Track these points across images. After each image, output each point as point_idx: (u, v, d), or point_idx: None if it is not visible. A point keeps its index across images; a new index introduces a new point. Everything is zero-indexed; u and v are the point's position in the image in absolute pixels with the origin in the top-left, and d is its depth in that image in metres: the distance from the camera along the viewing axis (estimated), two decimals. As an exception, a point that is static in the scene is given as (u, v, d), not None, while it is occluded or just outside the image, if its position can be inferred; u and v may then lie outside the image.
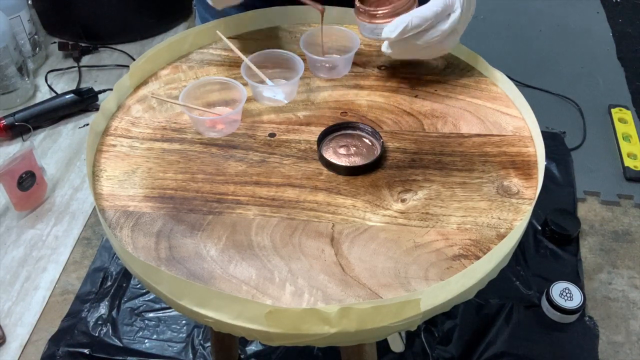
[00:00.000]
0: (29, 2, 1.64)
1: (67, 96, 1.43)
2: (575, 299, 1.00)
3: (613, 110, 1.43)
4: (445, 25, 0.65)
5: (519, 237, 0.57)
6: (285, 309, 0.49)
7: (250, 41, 0.81)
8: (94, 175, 0.64)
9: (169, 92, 0.74)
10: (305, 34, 0.75)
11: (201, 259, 0.56)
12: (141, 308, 1.04)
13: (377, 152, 0.64)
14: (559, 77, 1.57)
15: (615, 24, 1.77)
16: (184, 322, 1.02)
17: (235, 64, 0.77)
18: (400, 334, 0.98)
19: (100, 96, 1.47)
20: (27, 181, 1.16)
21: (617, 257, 1.12)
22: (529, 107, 0.68)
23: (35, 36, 1.58)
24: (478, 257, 0.56)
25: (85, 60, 1.63)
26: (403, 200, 0.61)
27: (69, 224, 1.18)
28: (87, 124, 1.42)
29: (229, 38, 0.75)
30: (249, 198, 0.61)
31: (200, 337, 1.00)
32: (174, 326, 1.02)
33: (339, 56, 0.76)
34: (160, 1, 1.70)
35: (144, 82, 0.75)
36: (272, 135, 0.68)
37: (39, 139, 1.38)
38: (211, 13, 0.99)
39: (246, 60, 0.72)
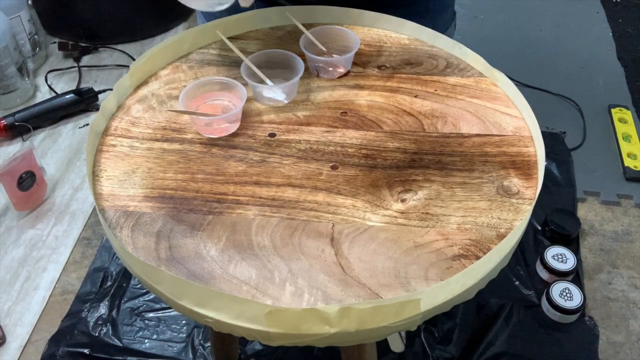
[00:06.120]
0: (29, 2, 1.64)
1: (67, 96, 1.42)
2: (575, 299, 1.00)
3: (613, 110, 1.43)
4: None
5: (519, 237, 0.57)
6: (285, 309, 0.49)
7: (250, 41, 0.81)
8: (94, 175, 0.64)
9: (169, 92, 0.74)
10: (305, 34, 0.75)
11: (201, 259, 0.56)
12: (141, 308, 1.04)
13: None
14: (559, 77, 1.56)
15: (615, 24, 1.77)
16: (184, 322, 1.02)
17: (235, 64, 0.77)
18: (400, 334, 0.98)
19: (100, 96, 1.47)
20: (27, 181, 1.15)
21: (617, 257, 1.12)
22: (529, 107, 0.68)
23: (35, 36, 1.57)
24: (478, 257, 0.56)
25: (85, 60, 1.63)
26: (403, 200, 0.61)
27: (69, 224, 1.18)
28: (87, 124, 1.42)
29: (229, 38, 0.75)
30: (249, 198, 0.61)
31: (200, 337, 1.00)
32: (174, 326, 1.02)
33: (339, 56, 0.76)
34: (160, 1, 1.70)
35: (144, 82, 0.75)
36: (272, 135, 0.68)
37: (39, 139, 1.38)
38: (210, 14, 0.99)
39: (246, 60, 0.72)
